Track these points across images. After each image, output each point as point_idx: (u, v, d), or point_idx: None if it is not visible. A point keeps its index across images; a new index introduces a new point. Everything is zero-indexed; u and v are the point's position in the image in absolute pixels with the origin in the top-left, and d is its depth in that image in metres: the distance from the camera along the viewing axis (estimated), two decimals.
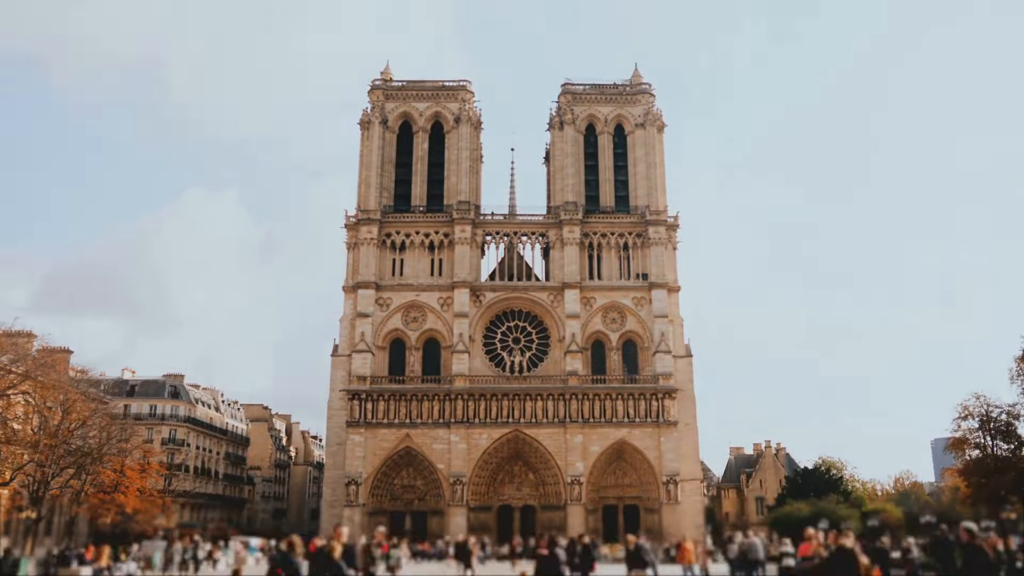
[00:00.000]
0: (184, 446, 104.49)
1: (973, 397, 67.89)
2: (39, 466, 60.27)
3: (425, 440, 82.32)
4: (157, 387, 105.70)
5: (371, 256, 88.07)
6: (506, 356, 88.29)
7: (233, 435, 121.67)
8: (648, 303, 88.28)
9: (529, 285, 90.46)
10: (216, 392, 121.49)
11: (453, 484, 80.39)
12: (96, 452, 65.54)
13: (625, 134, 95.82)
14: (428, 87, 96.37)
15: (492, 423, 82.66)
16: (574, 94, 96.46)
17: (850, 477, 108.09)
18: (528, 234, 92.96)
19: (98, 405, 71.54)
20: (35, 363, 59.39)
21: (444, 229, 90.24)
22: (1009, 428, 66.92)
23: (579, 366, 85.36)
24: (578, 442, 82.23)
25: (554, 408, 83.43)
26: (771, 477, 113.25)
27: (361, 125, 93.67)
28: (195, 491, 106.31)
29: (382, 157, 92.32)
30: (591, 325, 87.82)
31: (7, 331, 58.29)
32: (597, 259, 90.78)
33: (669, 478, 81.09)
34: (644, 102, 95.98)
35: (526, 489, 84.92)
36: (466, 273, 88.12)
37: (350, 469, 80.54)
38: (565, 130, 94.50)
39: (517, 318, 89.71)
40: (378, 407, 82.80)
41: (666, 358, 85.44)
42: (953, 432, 70.20)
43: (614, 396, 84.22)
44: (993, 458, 67.35)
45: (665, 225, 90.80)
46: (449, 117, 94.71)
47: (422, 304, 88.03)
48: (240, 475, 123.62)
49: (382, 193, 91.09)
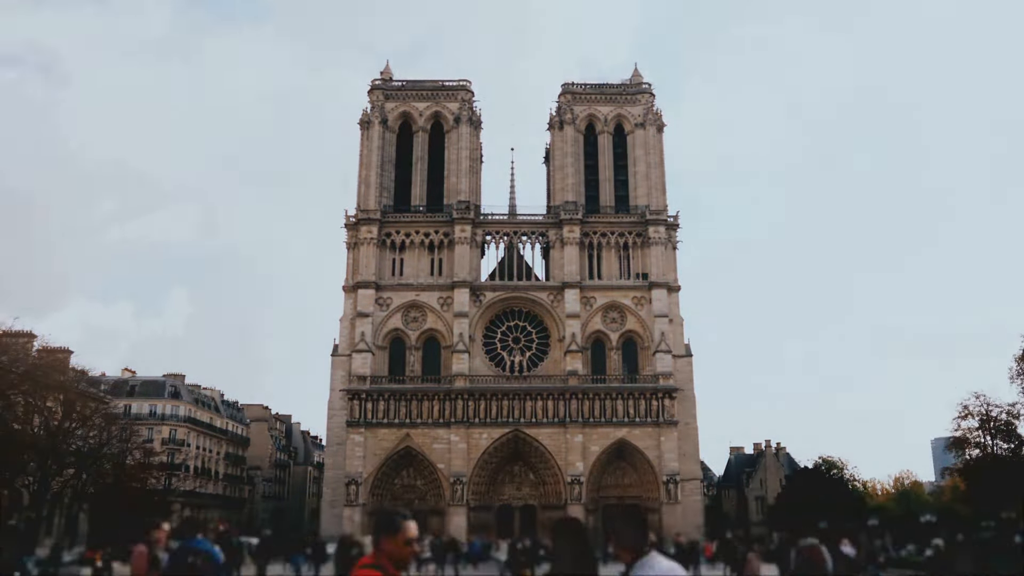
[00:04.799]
0: (184, 446, 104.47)
1: (973, 397, 67.98)
2: (39, 466, 60.28)
3: (425, 440, 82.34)
4: (157, 387, 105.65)
5: (371, 256, 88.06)
6: (506, 356, 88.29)
7: (233, 435, 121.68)
8: (648, 303, 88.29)
9: (529, 285, 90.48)
10: (216, 392, 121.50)
11: (453, 484, 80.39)
12: (96, 452, 65.57)
13: (625, 134, 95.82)
14: (428, 87, 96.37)
15: (492, 423, 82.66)
16: (574, 94, 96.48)
17: (850, 477, 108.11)
18: (528, 234, 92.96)
19: (98, 405, 71.57)
20: (35, 363, 59.38)
21: (444, 229, 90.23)
22: (1009, 428, 66.94)
23: (579, 366, 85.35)
24: (578, 442, 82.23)
25: (554, 408, 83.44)
26: (771, 477, 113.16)
27: (361, 125, 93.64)
28: (195, 491, 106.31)
29: (382, 157, 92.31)
30: (591, 325, 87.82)
31: (7, 331, 58.31)
32: (597, 259, 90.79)
33: (669, 478, 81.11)
34: (644, 102, 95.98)
35: (526, 489, 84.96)
36: (466, 273, 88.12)
37: (350, 469, 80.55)
38: (565, 130, 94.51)
39: (517, 318, 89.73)
40: (378, 407, 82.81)
41: (666, 358, 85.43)
42: (953, 432, 70.24)
43: (614, 396, 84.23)
44: (993, 458, 67.37)
45: (665, 225, 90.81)
46: (449, 117, 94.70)
47: (422, 304, 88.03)
48: (240, 475, 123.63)
49: (382, 193, 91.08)
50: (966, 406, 67.96)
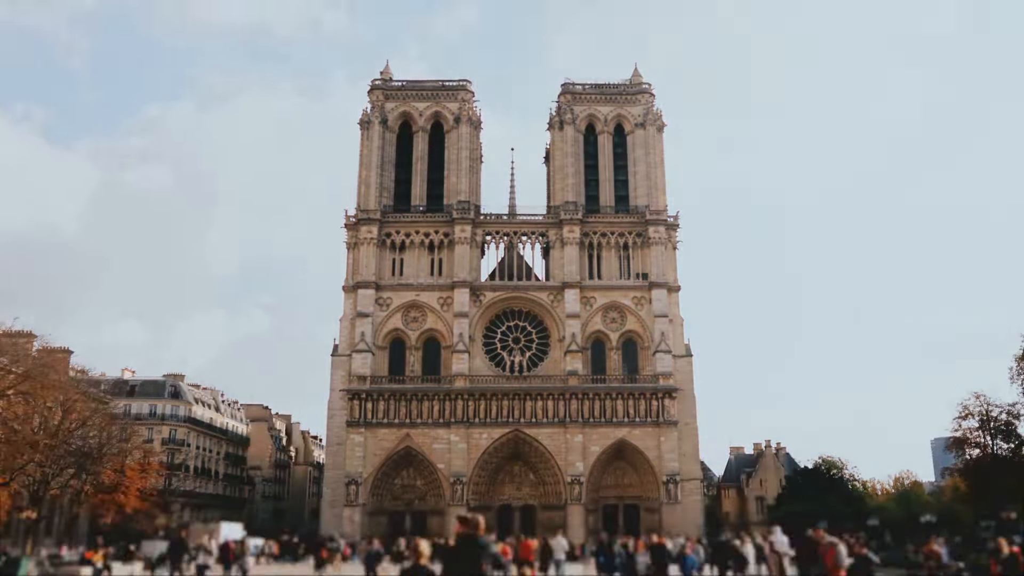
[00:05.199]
0: (184, 446, 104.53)
1: (973, 397, 67.94)
2: (39, 466, 60.28)
3: (425, 440, 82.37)
4: (157, 387, 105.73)
5: (371, 256, 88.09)
6: (506, 356, 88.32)
7: (233, 435, 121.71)
8: (648, 303, 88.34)
9: (529, 285, 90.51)
10: (216, 392, 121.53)
11: (453, 484, 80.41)
12: (96, 452, 65.63)
13: (625, 134, 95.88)
14: (428, 87, 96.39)
15: (492, 423, 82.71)
16: (574, 94, 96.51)
17: (850, 477, 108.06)
18: (528, 234, 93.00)
19: (98, 405, 71.57)
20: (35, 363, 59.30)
21: (444, 229, 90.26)
22: (1009, 428, 66.93)
23: (579, 366, 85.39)
24: (578, 442, 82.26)
25: (554, 408, 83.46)
26: (771, 477, 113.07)
27: (361, 125, 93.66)
28: (195, 491, 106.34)
29: (382, 157, 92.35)
30: (591, 325, 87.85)
31: (7, 331, 58.21)
32: (597, 259, 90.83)
33: (669, 478, 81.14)
34: (644, 102, 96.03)
35: (526, 489, 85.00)
36: (466, 273, 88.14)
37: (350, 469, 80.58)
38: (565, 130, 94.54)
39: (517, 318, 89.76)
40: (378, 407, 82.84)
41: (666, 358, 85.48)
42: (953, 432, 70.20)
43: (614, 396, 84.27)
44: (993, 458, 67.34)
45: (665, 225, 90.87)
46: (449, 117, 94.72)
47: (422, 304, 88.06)
48: (240, 475, 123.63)
49: (382, 193, 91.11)
50: (966, 406, 67.99)
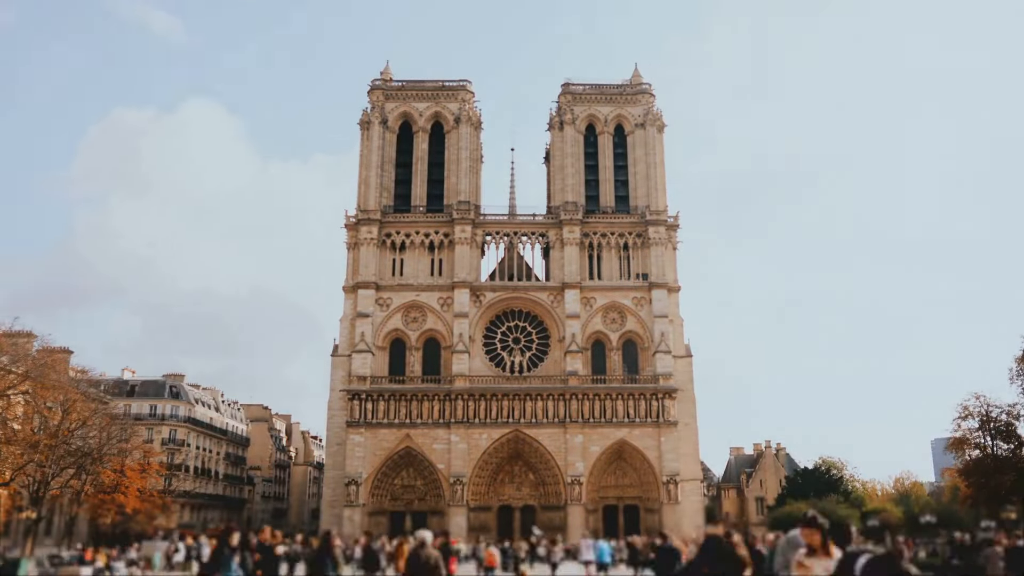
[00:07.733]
0: (184, 446, 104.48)
1: (973, 397, 67.87)
2: (39, 466, 60.26)
3: (425, 440, 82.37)
4: (157, 387, 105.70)
5: (371, 256, 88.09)
6: (506, 356, 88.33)
7: (233, 435, 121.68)
8: (648, 303, 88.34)
9: (529, 285, 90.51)
10: (216, 392, 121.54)
11: (453, 484, 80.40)
12: (96, 452, 65.58)
13: (625, 134, 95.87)
14: (428, 87, 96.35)
15: (492, 423, 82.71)
16: (574, 94, 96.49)
17: (850, 477, 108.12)
18: (528, 234, 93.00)
19: (98, 405, 71.52)
20: (35, 363, 59.31)
21: (444, 229, 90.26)
22: (1009, 428, 66.86)
23: (579, 366, 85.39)
24: (578, 442, 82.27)
25: (554, 408, 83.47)
26: (771, 477, 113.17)
27: (361, 125, 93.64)
28: (195, 491, 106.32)
29: (382, 157, 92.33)
30: (591, 325, 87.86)
31: (7, 331, 58.19)
32: (597, 259, 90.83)
33: (669, 478, 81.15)
34: (644, 102, 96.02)
35: (526, 489, 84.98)
36: (466, 273, 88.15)
37: (350, 469, 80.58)
38: (565, 130, 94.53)
39: (517, 318, 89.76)
40: (378, 407, 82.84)
41: (666, 358, 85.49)
42: (953, 432, 70.15)
43: (614, 396, 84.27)
44: (993, 458, 67.27)
45: (665, 225, 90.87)
46: (449, 117, 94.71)
47: (422, 304, 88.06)
48: (240, 475, 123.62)
49: (382, 193, 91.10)
50: (966, 407, 67.92)
